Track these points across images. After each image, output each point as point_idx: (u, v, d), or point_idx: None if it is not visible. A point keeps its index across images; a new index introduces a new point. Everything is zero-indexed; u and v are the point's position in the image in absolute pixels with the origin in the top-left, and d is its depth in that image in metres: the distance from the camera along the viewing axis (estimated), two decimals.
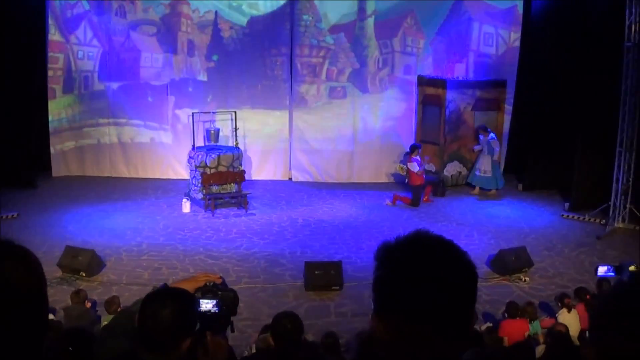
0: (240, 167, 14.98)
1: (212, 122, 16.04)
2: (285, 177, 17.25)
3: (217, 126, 15.87)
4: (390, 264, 1.65)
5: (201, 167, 14.65)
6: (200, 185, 14.56)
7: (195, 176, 14.81)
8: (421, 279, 1.59)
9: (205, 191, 14.44)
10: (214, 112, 16.26)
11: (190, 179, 15.21)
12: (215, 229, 13.35)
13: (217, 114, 16.30)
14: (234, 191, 14.74)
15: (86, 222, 13.49)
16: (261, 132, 17.03)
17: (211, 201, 14.30)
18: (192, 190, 14.96)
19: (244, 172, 14.94)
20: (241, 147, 15.66)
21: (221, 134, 15.77)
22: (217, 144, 15.43)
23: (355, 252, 12.11)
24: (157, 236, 12.82)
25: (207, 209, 14.26)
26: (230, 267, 11.39)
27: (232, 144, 15.63)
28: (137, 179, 16.84)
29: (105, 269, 11.24)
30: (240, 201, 14.63)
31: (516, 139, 16.99)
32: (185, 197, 14.70)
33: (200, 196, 14.61)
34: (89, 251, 11.05)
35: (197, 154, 14.85)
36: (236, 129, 15.69)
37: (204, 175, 14.50)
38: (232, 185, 14.77)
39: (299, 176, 17.21)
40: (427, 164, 15.28)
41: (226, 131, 16.14)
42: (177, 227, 13.36)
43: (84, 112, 17.00)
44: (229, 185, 14.76)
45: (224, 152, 14.96)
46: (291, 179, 17.20)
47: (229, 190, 14.76)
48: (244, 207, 14.47)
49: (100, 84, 16.87)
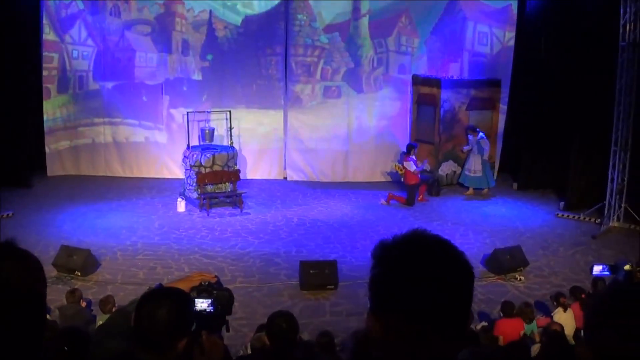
0: (235, 167, 14.97)
1: (207, 122, 16.03)
2: (280, 177, 17.25)
3: (212, 125, 15.85)
4: (388, 263, 1.63)
5: (196, 167, 14.63)
6: (195, 184, 14.54)
7: (190, 175, 14.78)
8: (420, 279, 1.58)
9: (200, 190, 14.42)
10: (208, 112, 16.25)
11: (185, 178, 15.17)
12: (210, 228, 13.34)
13: (211, 113, 16.28)
14: (229, 190, 14.73)
15: (81, 221, 13.47)
16: (256, 131, 17.04)
17: (206, 200, 14.29)
18: (187, 189, 14.93)
19: (238, 171, 14.93)
20: (236, 146, 15.65)
21: (216, 133, 15.75)
22: (212, 144, 15.42)
23: (350, 251, 12.12)
24: (152, 235, 12.81)
25: (202, 209, 14.25)
26: (225, 266, 11.38)
27: (227, 143, 15.62)
28: (132, 178, 16.84)
29: (100, 268, 11.23)
30: (235, 200, 14.62)
31: (511, 138, 17.01)
32: (180, 196, 14.69)
33: (195, 195, 14.59)
34: (84, 250, 11.03)
35: (192, 154, 14.83)
36: (231, 129, 15.67)
37: (199, 174, 14.48)
38: (227, 184, 14.76)
39: (294, 175, 17.20)
40: (425, 166, 15.19)
41: (221, 130, 16.12)
42: (172, 226, 13.35)
43: (79, 111, 16.99)
44: (223, 184, 14.75)
45: (218, 151, 14.94)
46: (286, 178, 17.20)
47: (224, 189, 14.76)
48: (239, 206, 14.47)
49: (95, 84, 16.85)
